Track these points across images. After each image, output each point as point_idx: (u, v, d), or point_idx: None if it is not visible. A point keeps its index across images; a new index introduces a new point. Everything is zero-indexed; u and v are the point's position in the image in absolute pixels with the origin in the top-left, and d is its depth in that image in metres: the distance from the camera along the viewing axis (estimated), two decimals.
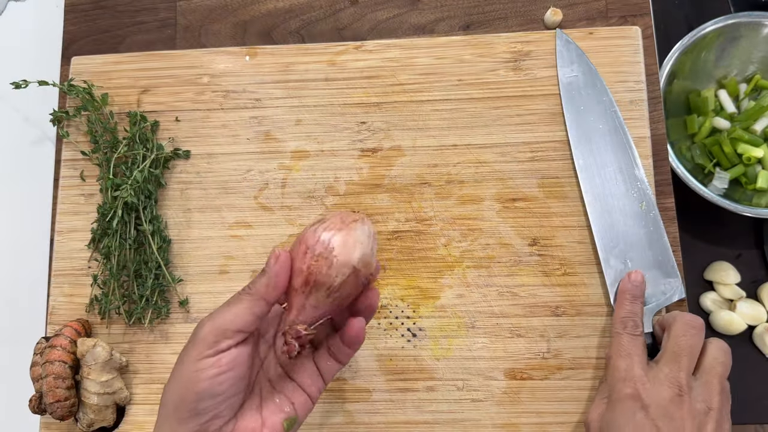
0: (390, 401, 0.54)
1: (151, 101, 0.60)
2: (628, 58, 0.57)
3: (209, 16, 0.64)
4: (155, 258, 0.56)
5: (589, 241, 0.55)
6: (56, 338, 0.53)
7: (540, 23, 0.60)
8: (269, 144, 0.59)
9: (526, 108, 0.57)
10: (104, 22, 0.65)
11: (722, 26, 0.63)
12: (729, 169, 0.65)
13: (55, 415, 0.52)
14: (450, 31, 0.61)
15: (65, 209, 0.59)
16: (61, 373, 0.52)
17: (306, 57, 0.60)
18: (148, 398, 0.56)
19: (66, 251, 0.59)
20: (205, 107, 0.60)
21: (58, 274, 0.58)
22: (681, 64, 0.64)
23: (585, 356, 0.53)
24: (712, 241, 0.65)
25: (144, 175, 0.56)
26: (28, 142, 0.68)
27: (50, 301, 0.58)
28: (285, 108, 0.59)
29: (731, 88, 0.66)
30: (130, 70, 0.61)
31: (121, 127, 0.60)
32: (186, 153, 0.59)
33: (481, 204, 0.56)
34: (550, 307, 0.54)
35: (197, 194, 0.59)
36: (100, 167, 0.59)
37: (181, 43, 0.63)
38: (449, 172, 0.57)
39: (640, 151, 0.55)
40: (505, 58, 0.58)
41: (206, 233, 0.58)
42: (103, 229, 0.57)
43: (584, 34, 0.58)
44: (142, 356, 0.57)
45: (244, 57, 0.60)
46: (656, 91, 0.58)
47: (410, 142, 0.58)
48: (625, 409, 0.43)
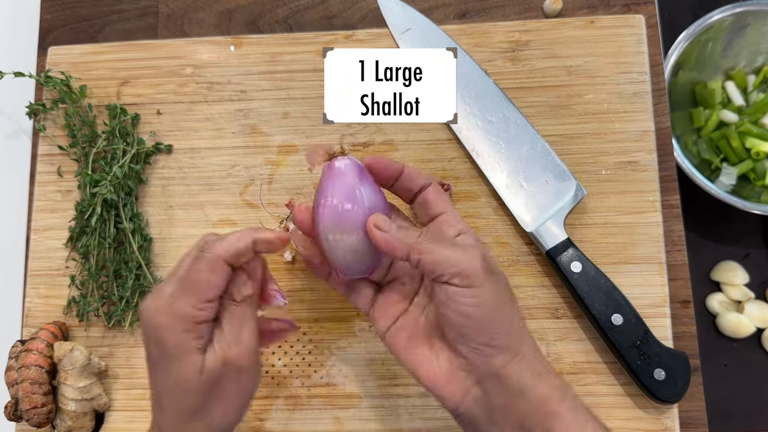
0: (382, 407, 0.53)
1: (131, 93, 0.60)
2: (632, 48, 0.57)
3: (192, 4, 0.63)
4: (136, 257, 0.55)
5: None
6: (32, 341, 0.53)
7: (539, 11, 0.60)
8: (255, 138, 0.58)
9: (525, 100, 0.57)
10: (83, 10, 0.64)
11: (729, 15, 0.64)
12: (737, 164, 0.65)
13: (32, 422, 0.51)
14: (445, 20, 0.61)
15: (42, 206, 0.59)
16: (37, 378, 0.51)
17: (294, 47, 0.59)
18: (128, 404, 0.55)
19: (42, 250, 0.58)
20: (188, 99, 0.59)
21: (34, 275, 0.58)
22: (686, 55, 0.64)
23: (586, 360, 0.52)
24: (718, 240, 0.65)
25: (124, 170, 0.56)
26: (2, 136, 0.68)
27: (26, 303, 0.58)
28: (272, 100, 0.59)
29: (739, 80, 0.68)
30: (109, 60, 0.61)
31: (100, 120, 0.59)
32: (168, 147, 0.59)
33: (477, 201, 0.56)
34: (550, 309, 0.53)
35: (180, 191, 0.58)
36: (78, 162, 0.59)
37: (163, 32, 0.63)
38: (444, 167, 0.56)
39: (643, 146, 0.55)
40: (502, 48, 0.58)
41: (189, 231, 0.57)
42: (82, 228, 0.56)
43: (585, 22, 0.57)
44: (121, 360, 0.56)
45: (229, 47, 0.60)
46: (660, 82, 0.57)
47: (403, 136, 0.57)
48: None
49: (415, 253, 0.38)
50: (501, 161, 0.54)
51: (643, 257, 0.53)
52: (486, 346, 0.38)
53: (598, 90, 0.56)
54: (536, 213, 0.53)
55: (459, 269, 0.37)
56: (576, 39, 0.57)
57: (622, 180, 0.55)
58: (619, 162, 0.55)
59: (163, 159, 0.59)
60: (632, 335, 0.49)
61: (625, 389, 0.51)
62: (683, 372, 0.49)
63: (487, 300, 0.37)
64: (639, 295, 0.52)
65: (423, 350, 0.40)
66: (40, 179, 0.59)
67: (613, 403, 0.51)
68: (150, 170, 0.58)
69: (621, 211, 0.54)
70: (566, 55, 0.57)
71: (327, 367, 0.54)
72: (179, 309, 0.38)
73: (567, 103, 0.56)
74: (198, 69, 0.60)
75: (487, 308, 0.37)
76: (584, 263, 0.50)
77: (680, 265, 0.54)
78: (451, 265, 0.37)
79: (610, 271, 0.52)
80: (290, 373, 0.54)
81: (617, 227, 0.54)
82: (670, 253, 0.54)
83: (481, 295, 0.37)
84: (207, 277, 0.38)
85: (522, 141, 0.54)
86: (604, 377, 0.52)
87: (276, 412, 0.53)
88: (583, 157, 0.55)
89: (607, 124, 0.56)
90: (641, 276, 0.53)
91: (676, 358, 0.49)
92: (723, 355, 0.63)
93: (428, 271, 0.38)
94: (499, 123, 0.55)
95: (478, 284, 0.37)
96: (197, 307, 0.38)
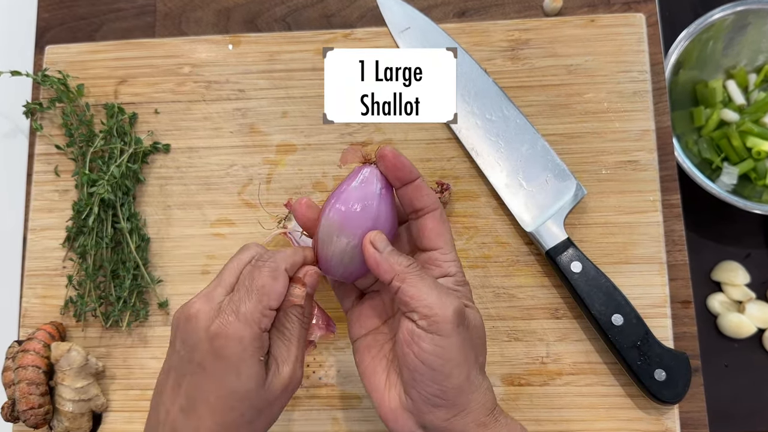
0: None
1: (129, 92, 0.60)
2: (632, 46, 0.56)
3: (190, 3, 0.63)
4: (133, 257, 0.55)
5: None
6: (29, 342, 0.53)
7: (539, 10, 0.60)
8: (253, 137, 0.58)
9: (524, 99, 0.56)
10: (80, 9, 0.64)
11: (730, 13, 0.64)
12: (738, 163, 0.65)
13: (29, 423, 0.51)
14: (444, 19, 0.60)
15: (39, 206, 0.59)
16: (34, 379, 0.51)
17: (292, 45, 0.59)
18: (126, 405, 0.55)
19: (39, 250, 0.58)
20: (186, 99, 0.59)
21: (31, 275, 0.58)
22: (687, 54, 0.64)
23: (586, 361, 0.52)
24: (719, 240, 0.65)
25: (121, 170, 0.56)
26: None
27: (23, 303, 0.58)
28: (270, 99, 0.59)
29: (740, 79, 0.67)
30: (107, 59, 0.61)
31: (98, 119, 0.59)
32: (166, 147, 0.59)
33: (476, 200, 0.55)
34: (550, 309, 0.53)
35: (177, 190, 0.58)
36: (75, 162, 0.59)
37: (161, 31, 0.63)
38: (443, 167, 0.56)
39: (644, 145, 0.55)
40: (502, 46, 0.58)
41: (187, 231, 0.57)
42: (79, 227, 0.56)
43: (585, 21, 0.57)
44: (119, 361, 0.56)
45: (227, 46, 0.60)
46: (661, 81, 0.57)
47: (402, 135, 0.57)
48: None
49: (398, 281, 0.37)
50: (500, 160, 0.54)
51: (644, 257, 0.53)
52: (435, 397, 0.37)
53: (598, 89, 0.56)
54: (536, 213, 0.52)
55: (430, 313, 0.36)
56: (576, 38, 0.57)
57: (622, 179, 0.54)
58: (619, 161, 0.55)
59: (161, 158, 0.58)
60: (633, 335, 0.49)
61: (625, 390, 0.51)
62: (684, 372, 0.49)
63: (448, 353, 0.36)
64: (639, 295, 0.52)
65: (380, 378, 0.40)
66: (37, 179, 0.59)
67: (613, 403, 0.51)
68: (148, 170, 0.58)
69: (621, 210, 0.54)
70: (566, 53, 0.57)
71: (326, 367, 0.53)
72: (246, 314, 0.36)
73: (567, 102, 0.56)
74: (196, 68, 0.59)
75: (444, 361, 0.36)
76: (584, 263, 0.50)
77: (681, 265, 0.54)
78: (424, 305, 0.36)
79: (611, 271, 0.51)
80: None
81: (617, 227, 0.54)
82: (671, 253, 0.54)
83: (443, 346, 0.36)
84: (271, 283, 0.37)
85: (522, 140, 0.54)
86: (605, 378, 0.52)
87: None
88: (583, 157, 0.55)
89: (607, 123, 0.55)
90: (642, 276, 0.53)
91: (676, 358, 0.49)
92: (724, 355, 0.63)
93: (403, 302, 0.37)
94: (499, 122, 0.54)
95: (443, 334, 0.36)
96: (264, 314, 0.37)
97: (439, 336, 0.36)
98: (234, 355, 0.36)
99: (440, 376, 0.37)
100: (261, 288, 0.37)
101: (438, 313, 0.36)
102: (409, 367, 0.37)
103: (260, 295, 0.37)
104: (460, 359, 0.37)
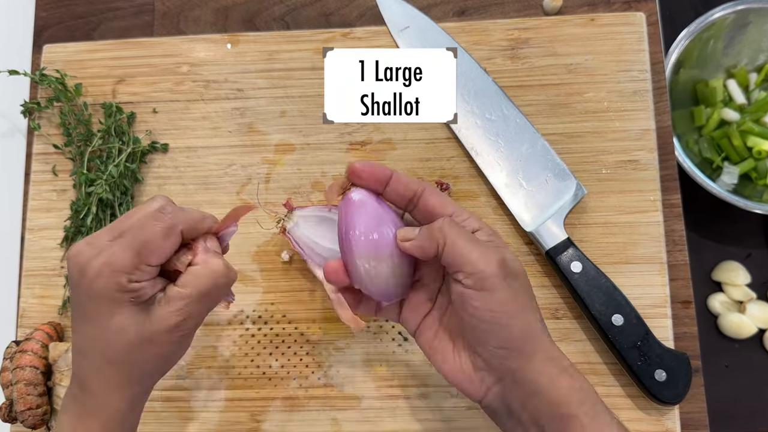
0: (380, 409, 0.53)
1: (127, 92, 0.60)
2: (632, 46, 0.56)
3: (189, 2, 0.63)
4: None
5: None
6: (27, 342, 0.53)
7: (539, 9, 0.60)
8: (252, 137, 0.58)
9: (524, 99, 0.56)
10: (78, 7, 0.64)
11: (731, 12, 0.63)
12: (738, 163, 0.65)
13: (27, 423, 0.51)
14: (443, 18, 0.60)
15: (36, 206, 0.59)
16: (32, 380, 0.51)
17: (291, 45, 0.59)
18: None
19: (37, 250, 0.58)
20: (185, 98, 0.59)
21: (28, 275, 0.58)
22: (688, 53, 0.64)
23: (586, 361, 0.52)
24: (720, 240, 0.65)
25: (120, 169, 0.56)
26: None
27: (20, 303, 0.58)
28: (269, 98, 0.58)
29: (741, 78, 0.67)
30: (105, 58, 0.61)
31: (96, 119, 0.59)
32: (164, 146, 0.59)
33: (476, 200, 0.55)
34: (550, 309, 0.53)
35: (176, 190, 0.58)
36: (73, 161, 0.58)
37: (159, 30, 0.63)
38: (443, 167, 0.56)
39: (644, 144, 0.54)
40: (501, 46, 0.58)
41: None
42: (77, 227, 0.56)
43: (585, 20, 0.57)
44: None
45: (226, 45, 0.60)
46: (661, 80, 0.57)
47: (401, 135, 0.57)
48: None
49: (441, 246, 0.37)
50: (500, 160, 0.54)
51: (644, 257, 0.53)
52: (501, 349, 0.38)
53: (598, 88, 0.56)
54: (536, 212, 0.52)
55: (475, 270, 0.37)
56: (576, 37, 0.57)
57: (622, 179, 0.54)
58: (619, 161, 0.54)
59: (159, 158, 0.58)
60: (633, 336, 0.49)
61: (625, 390, 0.51)
62: (684, 373, 0.49)
63: (501, 304, 0.37)
64: (640, 295, 0.52)
65: (447, 349, 0.41)
66: (35, 178, 0.59)
67: (613, 404, 0.51)
68: (146, 169, 0.58)
69: (621, 210, 0.54)
70: (566, 53, 0.57)
71: (325, 368, 0.53)
72: (117, 264, 0.36)
73: (567, 102, 0.56)
74: (194, 67, 0.59)
75: (500, 314, 0.37)
76: (584, 263, 0.50)
77: (681, 265, 0.53)
78: (467, 262, 0.37)
79: (611, 271, 0.51)
80: (288, 374, 0.53)
81: (618, 227, 0.54)
82: (671, 252, 0.54)
83: (495, 299, 0.37)
84: (159, 241, 0.37)
85: (521, 140, 0.53)
86: (605, 378, 0.51)
87: (273, 413, 0.53)
88: (583, 156, 0.55)
89: (607, 122, 0.55)
90: (642, 276, 0.52)
91: (677, 358, 0.49)
92: (724, 355, 0.63)
93: (448, 264, 0.38)
94: (499, 121, 0.54)
95: (491, 288, 0.37)
96: (139, 268, 0.36)
97: (488, 291, 0.37)
98: (101, 297, 0.36)
99: (499, 328, 0.37)
100: (144, 242, 0.37)
101: (483, 269, 0.37)
102: (470, 328, 0.38)
103: (141, 248, 0.37)
104: (515, 309, 0.37)
